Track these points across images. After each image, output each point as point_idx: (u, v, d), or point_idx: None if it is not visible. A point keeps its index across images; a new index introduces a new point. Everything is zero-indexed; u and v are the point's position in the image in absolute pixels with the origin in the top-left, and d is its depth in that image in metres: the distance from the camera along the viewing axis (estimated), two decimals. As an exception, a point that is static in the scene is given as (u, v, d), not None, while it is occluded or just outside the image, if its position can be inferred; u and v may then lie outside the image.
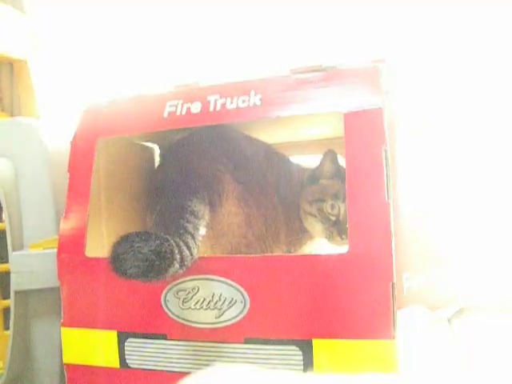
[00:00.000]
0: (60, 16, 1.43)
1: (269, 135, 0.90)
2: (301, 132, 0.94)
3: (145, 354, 0.66)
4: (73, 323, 0.70)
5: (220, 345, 0.62)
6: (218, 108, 0.68)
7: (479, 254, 0.87)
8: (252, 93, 0.67)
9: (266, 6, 1.24)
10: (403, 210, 0.74)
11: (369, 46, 1.11)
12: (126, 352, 0.67)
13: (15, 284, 0.78)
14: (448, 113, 0.92)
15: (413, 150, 0.87)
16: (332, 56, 1.14)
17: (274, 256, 0.73)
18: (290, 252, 0.84)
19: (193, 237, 0.63)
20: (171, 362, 0.65)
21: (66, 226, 0.71)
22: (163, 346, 0.65)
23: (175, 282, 0.64)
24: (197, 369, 0.62)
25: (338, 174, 0.83)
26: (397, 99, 0.74)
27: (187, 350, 0.64)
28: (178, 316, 0.64)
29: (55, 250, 0.71)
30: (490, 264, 0.87)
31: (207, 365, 0.62)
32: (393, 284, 0.55)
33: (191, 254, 0.61)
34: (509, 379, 0.61)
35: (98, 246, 0.76)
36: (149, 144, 0.97)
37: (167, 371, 0.65)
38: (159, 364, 0.66)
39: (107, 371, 0.68)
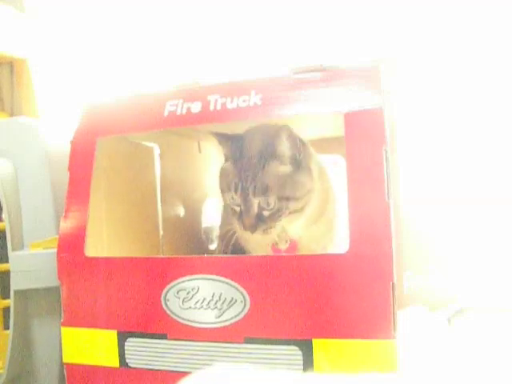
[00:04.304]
0: (60, 16, 1.43)
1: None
2: (301, 132, 0.94)
3: (145, 353, 0.66)
4: (73, 323, 0.70)
5: (220, 344, 0.62)
6: (218, 107, 0.68)
7: (479, 253, 0.87)
8: (252, 92, 0.67)
9: (266, 5, 1.24)
10: (403, 209, 0.74)
11: (369, 45, 1.11)
12: (126, 351, 0.67)
13: (15, 283, 0.78)
14: (448, 112, 0.92)
15: (413, 149, 0.87)
16: (332, 56, 1.14)
17: (274, 256, 0.73)
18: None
19: None
20: (171, 362, 0.65)
21: (66, 225, 0.71)
22: (163, 346, 0.65)
23: (175, 282, 0.64)
24: (197, 369, 0.62)
25: (232, 155, 0.75)
26: (397, 99, 0.74)
27: (187, 350, 0.64)
28: (178, 316, 0.64)
29: (55, 250, 0.71)
30: (490, 264, 0.87)
31: (207, 364, 0.62)
32: (393, 284, 0.55)
33: None
34: (509, 379, 0.61)
35: (98, 246, 0.76)
36: (149, 144, 0.97)
37: (167, 371, 0.65)
38: (159, 364, 0.66)
39: (107, 371, 0.68)
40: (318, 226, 0.78)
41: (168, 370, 0.65)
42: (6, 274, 0.80)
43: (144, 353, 0.66)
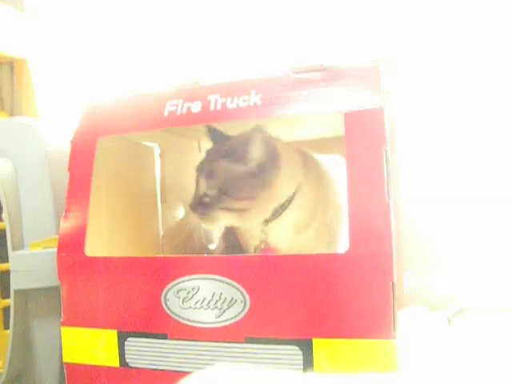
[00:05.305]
0: (60, 16, 1.43)
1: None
2: (301, 131, 0.94)
3: (145, 353, 0.66)
4: (73, 322, 0.70)
5: (220, 344, 0.62)
6: (218, 107, 0.68)
7: (479, 253, 0.87)
8: (253, 92, 0.67)
9: (266, 5, 1.24)
10: (403, 209, 0.74)
11: (369, 45, 1.11)
12: (126, 351, 0.67)
13: (15, 283, 0.78)
14: (448, 112, 0.92)
15: (413, 149, 0.87)
16: (332, 56, 1.14)
17: (274, 256, 0.73)
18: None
19: None
20: (171, 362, 0.65)
21: (66, 225, 0.71)
22: (163, 346, 0.65)
23: (175, 282, 0.64)
24: (197, 368, 0.62)
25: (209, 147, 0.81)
26: (397, 99, 0.74)
27: (188, 350, 0.64)
28: (178, 315, 0.64)
29: (55, 250, 0.71)
30: (490, 264, 0.87)
31: (208, 364, 0.62)
32: (393, 284, 0.55)
33: None
34: (509, 379, 0.61)
35: (98, 246, 0.76)
36: (149, 144, 0.97)
37: (168, 371, 0.65)
38: (159, 363, 0.66)
39: (107, 370, 0.68)
40: (306, 236, 0.78)
41: (168, 370, 0.65)
42: (6, 273, 0.80)
43: (144, 353, 0.66)
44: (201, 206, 0.75)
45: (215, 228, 0.82)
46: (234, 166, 0.74)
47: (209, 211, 0.74)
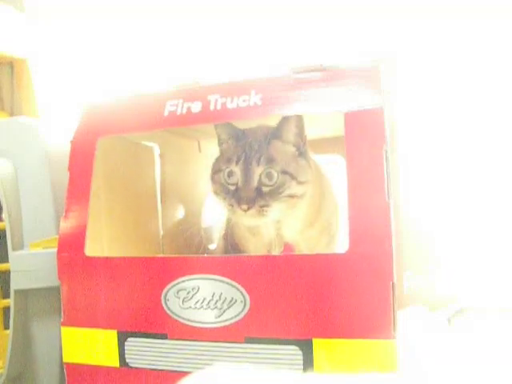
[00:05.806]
0: (60, 16, 1.43)
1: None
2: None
3: (145, 353, 0.66)
4: (73, 322, 0.70)
5: (220, 344, 0.62)
6: (218, 107, 0.68)
7: (479, 253, 0.87)
8: (253, 92, 0.67)
9: (266, 5, 1.24)
10: (404, 210, 0.74)
11: (369, 45, 1.11)
12: (126, 351, 0.67)
13: (15, 283, 0.78)
14: (448, 112, 0.92)
15: (413, 149, 0.87)
16: (332, 56, 1.14)
17: (274, 256, 0.73)
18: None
19: None
20: (171, 362, 0.65)
21: (66, 225, 0.71)
22: (164, 346, 0.65)
23: (175, 282, 0.64)
24: (197, 368, 0.62)
25: (232, 135, 0.75)
26: (397, 99, 0.74)
27: (188, 350, 0.64)
28: (178, 315, 0.64)
29: (55, 250, 0.71)
30: (490, 264, 0.87)
31: (208, 364, 0.62)
32: (393, 284, 0.55)
33: None
34: (509, 379, 0.61)
35: (98, 246, 0.76)
36: (149, 144, 0.97)
37: (168, 371, 0.65)
38: (159, 363, 0.66)
39: (107, 370, 0.68)
40: (313, 231, 0.78)
41: (168, 370, 0.65)
42: (6, 273, 0.80)
43: (144, 353, 0.66)
44: (260, 197, 0.68)
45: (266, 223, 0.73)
46: (287, 147, 0.72)
47: (272, 201, 0.68)
